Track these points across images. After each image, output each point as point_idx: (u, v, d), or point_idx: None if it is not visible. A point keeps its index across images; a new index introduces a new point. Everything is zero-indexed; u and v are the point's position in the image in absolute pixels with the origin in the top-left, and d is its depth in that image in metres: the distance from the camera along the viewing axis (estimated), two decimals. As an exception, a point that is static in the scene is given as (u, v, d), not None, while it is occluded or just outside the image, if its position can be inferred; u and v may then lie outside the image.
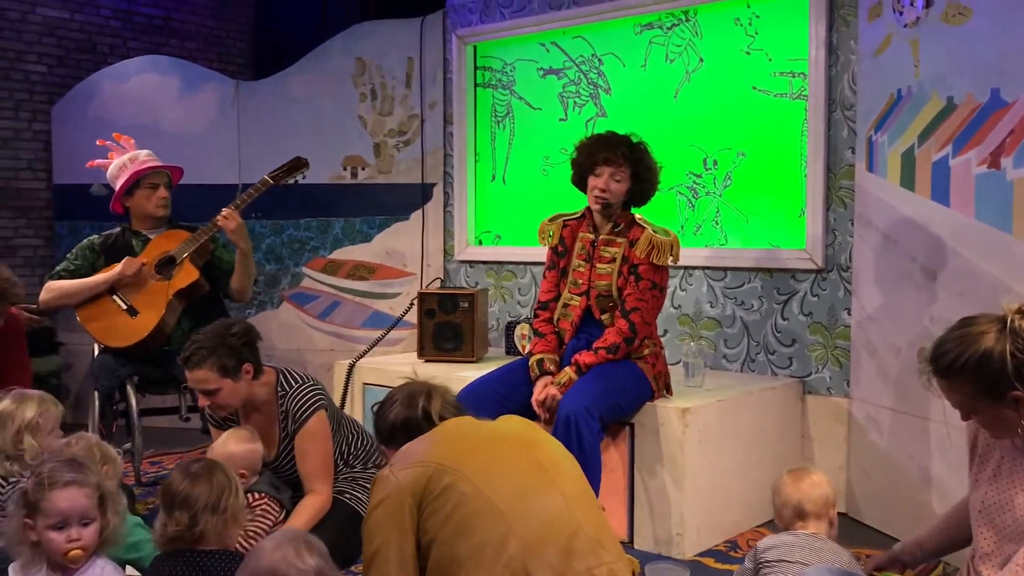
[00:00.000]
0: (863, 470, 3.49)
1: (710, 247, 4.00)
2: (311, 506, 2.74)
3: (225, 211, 3.70)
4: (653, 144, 4.03)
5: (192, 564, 2.03)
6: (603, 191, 3.12)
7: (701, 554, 3.14)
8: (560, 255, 3.31)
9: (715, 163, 4.00)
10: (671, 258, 3.13)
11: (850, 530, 3.35)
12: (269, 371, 2.89)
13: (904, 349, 3.20)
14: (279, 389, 2.86)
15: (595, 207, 3.18)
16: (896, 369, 3.26)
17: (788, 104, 3.78)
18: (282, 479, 2.88)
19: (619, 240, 3.17)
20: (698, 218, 4.06)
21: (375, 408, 2.14)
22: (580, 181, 3.26)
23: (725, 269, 3.91)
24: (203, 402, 2.80)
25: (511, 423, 2.02)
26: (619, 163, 3.12)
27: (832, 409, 3.62)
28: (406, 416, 2.02)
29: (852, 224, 3.54)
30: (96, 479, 2.04)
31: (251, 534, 2.59)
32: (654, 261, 3.11)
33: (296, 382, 2.87)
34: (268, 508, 2.72)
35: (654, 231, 3.14)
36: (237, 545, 2.18)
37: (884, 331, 3.34)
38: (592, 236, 3.23)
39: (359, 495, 2.86)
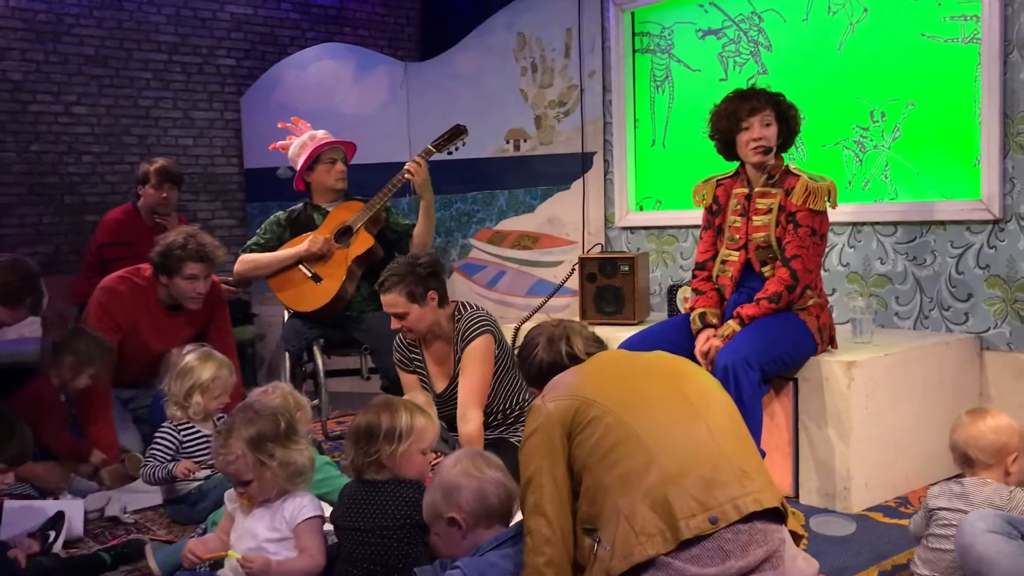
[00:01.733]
0: (1048, 428, 3.32)
1: (879, 202, 3.89)
2: (464, 439, 2.94)
3: (411, 165, 3.93)
4: (817, 99, 4.00)
5: (376, 490, 2.24)
6: (758, 139, 3.13)
7: (869, 509, 3.10)
8: (715, 214, 3.33)
9: (883, 115, 3.88)
10: (829, 203, 3.11)
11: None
12: (452, 303, 3.19)
13: (1091, 298, 3.02)
14: (456, 314, 3.15)
15: (755, 159, 3.17)
16: (1083, 320, 3.09)
17: (960, 49, 3.62)
18: (451, 415, 3.09)
19: (774, 191, 3.16)
20: (866, 173, 3.96)
21: (516, 352, 2.25)
22: (726, 147, 3.27)
23: (895, 224, 3.80)
24: (395, 324, 3.09)
25: (660, 356, 2.07)
26: (763, 108, 3.14)
27: (1013, 365, 3.46)
28: (551, 360, 2.12)
29: (1032, 170, 3.36)
30: (242, 447, 2.25)
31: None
32: (811, 207, 3.09)
33: (471, 308, 3.17)
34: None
35: (810, 177, 3.13)
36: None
37: (1069, 281, 3.16)
38: (746, 190, 3.24)
39: None
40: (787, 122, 3.19)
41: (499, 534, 1.93)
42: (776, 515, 1.73)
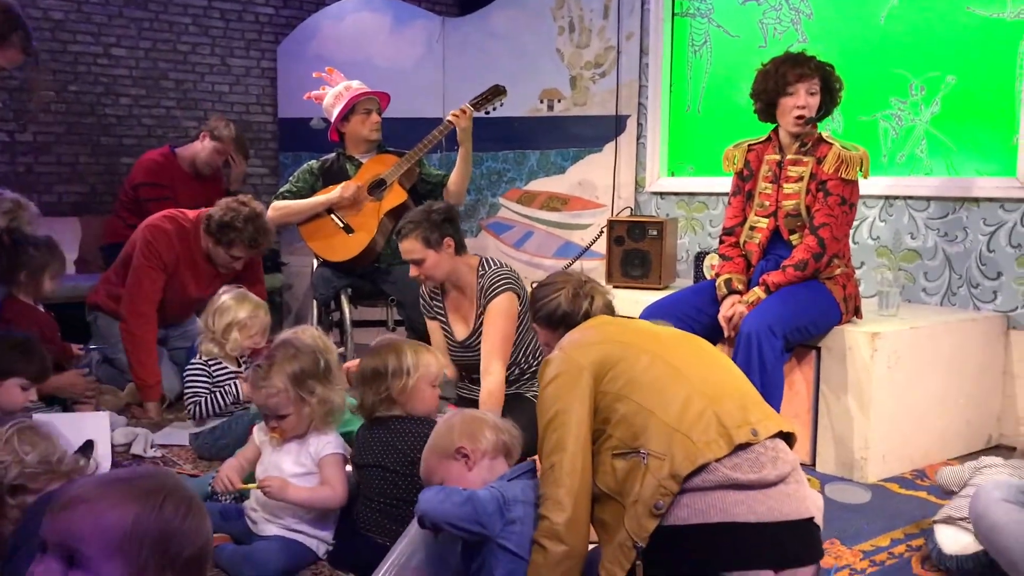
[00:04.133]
0: (1070, 409, 3.32)
1: (913, 176, 3.86)
2: (485, 392, 3.01)
3: (456, 112, 3.99)
4: (856, 70, 3.97)
5: (388, 428, 2.33)
6: (802, 107, 3.11)
7: (885, 480, 3.12)
8: (745, 179, 3.32)
9: (922, 89, 3.84)
10: (861, 172, 3.09)
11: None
12: (475, 257, 3.24)
13: (1123, 281, 3.00)
14: (480, 270, 3.18)
15: (795, 128, 3.15)
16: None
17: (1005, 24, 3.57)
18: (471, 363, 3.18)
19: (806, 159, 3.15)
20: (902, 146, 3.93)
21: (534, 284, 2.32)
22: (767, 108, 3.23)
23: (928, 199, 3.77)
24: (413, 272, 3.18)
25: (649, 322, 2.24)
26: (812, 76, 3.11)
27: (1039, 345, 3.45)
28: (568, 311, 2.19)
29: (1072, 150, 3.33)
30: (284, 382, 2.32)
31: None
32: (843, 176, 3.08)
33: (495, 265, 3.20)
34: None
35: (842, 146, 3.11)
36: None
37: (1102, 263, 3.14)
38: (778, 157, 3.22)
39: None
40: (831, 94, 3.17)
41: (518, 466, 2.01)
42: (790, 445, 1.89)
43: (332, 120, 4.16)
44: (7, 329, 3.31)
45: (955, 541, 2.29)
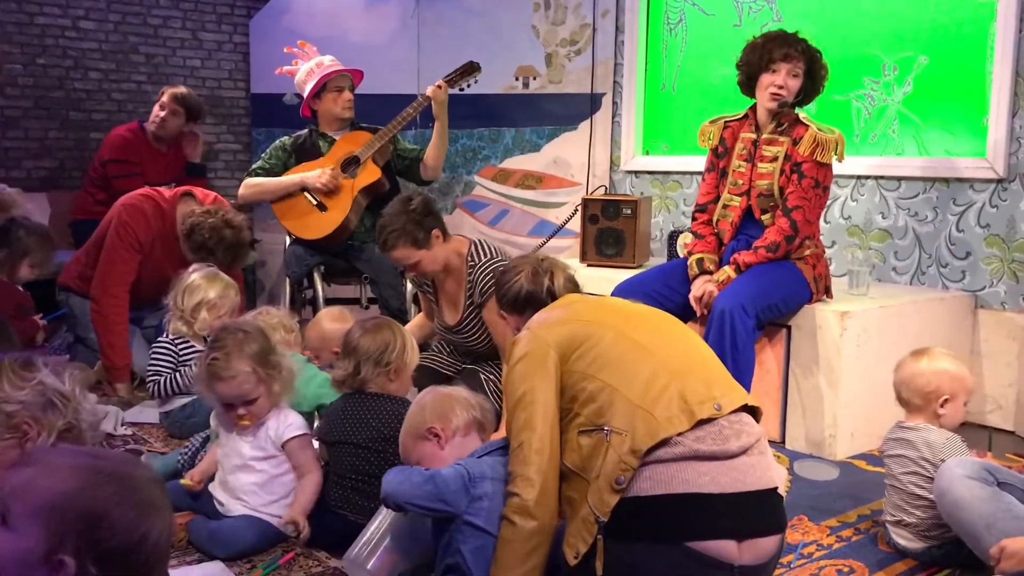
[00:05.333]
0: (1035, 387, 3.37)
1: (885, 156, 3.88)
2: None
3: (433, 87, 3.98)
4: (830, 49, 3.94)
5: (365, 406, 2.31)
6: (780, 87, 3.10)
7: (853, 457, 3.16)
8: (720, 156, 3.32)
9: (895, 69, 3.85)
10: (836, 156, 3.09)
11: (1018, 449, 3.28)
12: (463, 240, 3.15)
13: (1088, 261, 3.04)
14: (469, 259, 3.09)
15: (770, 105, 3.15)
16: (1078, 282, 3.11)
17: (977, 5, 3.58)
18: (462, 345, 3.19)
19: (782, 139, 3.15)
20: (874, 126, 3.94)
21: (498, 272, 2.35)
22: (748, 81, 3.23)
23: (899, 179, 3.80)
24: (410, 272, 3.14)
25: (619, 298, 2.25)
26: (796, 59, 3.10)
27: (1006, 324, 3.49)
28: (531, 290, 2.23)
29: (1040, 131, 3.36)
30: (249, 364, 2.27)
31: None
32: (818, 159, 3.08)
33: (486, 255, 3.09)
34: None
35: (819, 128, 3.10)
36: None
37: (1068, 243, 3.18)
38: (754, 136, 3.22)
39: None
40: (814, 80, 3.17)
41: (491, 442, 2.03)
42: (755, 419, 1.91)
43: (304, 96, 4.12)
44: None
45: (902, 537, 2.34)
